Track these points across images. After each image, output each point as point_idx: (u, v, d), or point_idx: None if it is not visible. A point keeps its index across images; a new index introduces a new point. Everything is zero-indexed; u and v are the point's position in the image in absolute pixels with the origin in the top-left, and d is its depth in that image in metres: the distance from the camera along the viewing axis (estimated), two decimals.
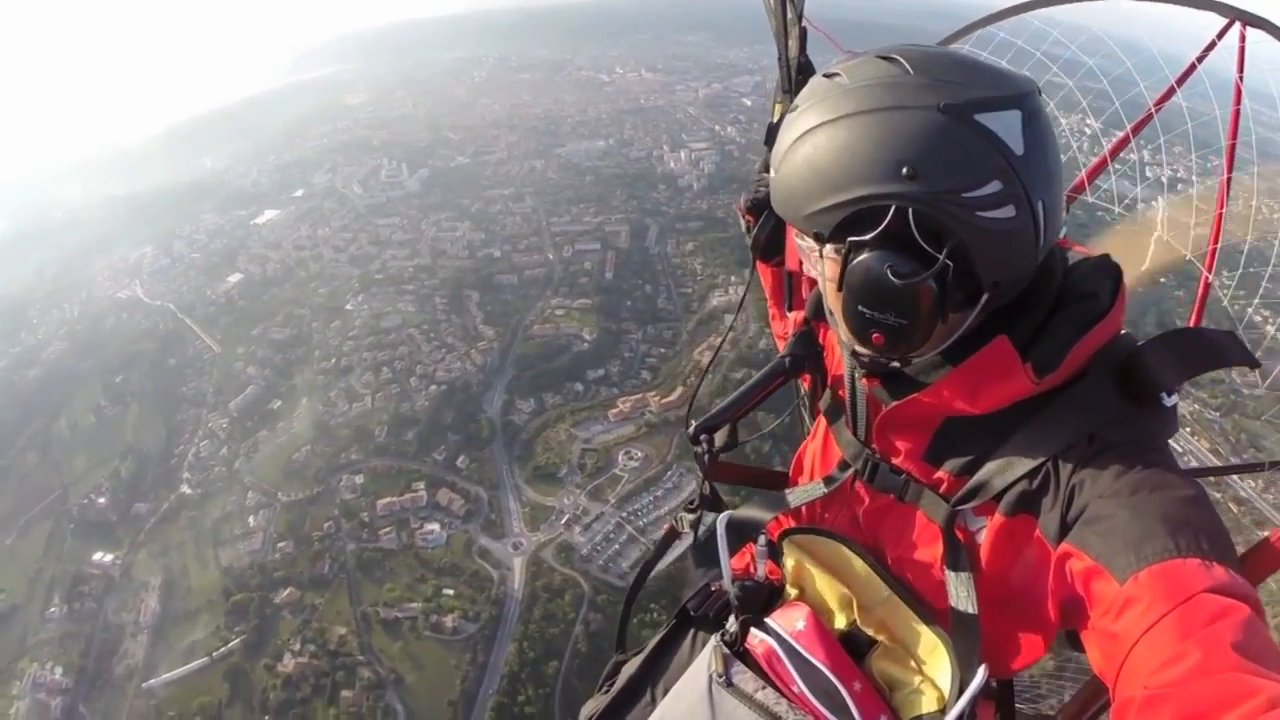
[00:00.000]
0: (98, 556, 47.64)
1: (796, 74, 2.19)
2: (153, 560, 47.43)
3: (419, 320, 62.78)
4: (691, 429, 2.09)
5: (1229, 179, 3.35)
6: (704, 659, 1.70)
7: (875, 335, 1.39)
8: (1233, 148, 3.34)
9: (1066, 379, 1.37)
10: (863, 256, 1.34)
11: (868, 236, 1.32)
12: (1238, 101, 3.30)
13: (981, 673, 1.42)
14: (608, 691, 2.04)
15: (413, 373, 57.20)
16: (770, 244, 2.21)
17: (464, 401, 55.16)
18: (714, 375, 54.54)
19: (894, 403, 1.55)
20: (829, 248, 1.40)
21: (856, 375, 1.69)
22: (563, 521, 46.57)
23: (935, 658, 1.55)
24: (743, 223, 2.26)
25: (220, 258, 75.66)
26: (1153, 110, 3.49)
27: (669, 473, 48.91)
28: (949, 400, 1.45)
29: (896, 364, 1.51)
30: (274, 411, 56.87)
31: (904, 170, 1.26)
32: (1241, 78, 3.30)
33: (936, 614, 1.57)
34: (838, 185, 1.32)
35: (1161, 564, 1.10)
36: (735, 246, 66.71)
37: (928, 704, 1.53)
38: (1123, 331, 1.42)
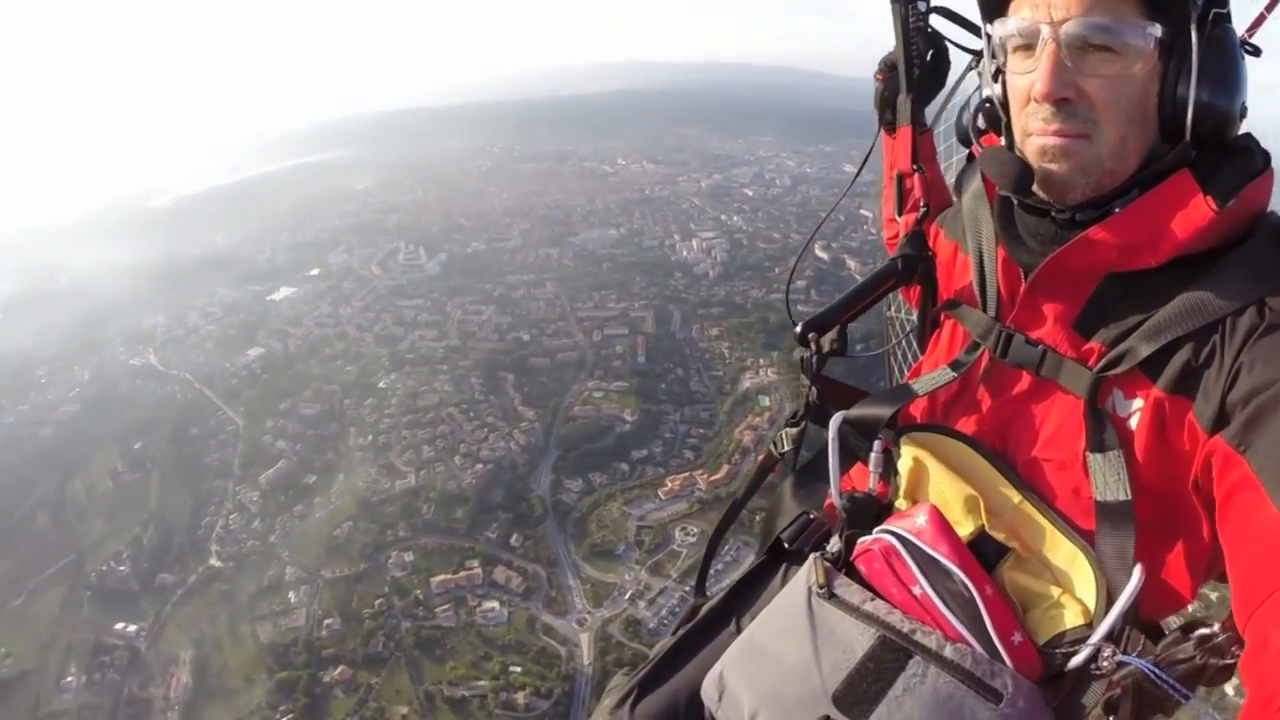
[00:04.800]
0: (120, 626, 45.55)
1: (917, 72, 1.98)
2: (182, 633, 45.60)
3: (457, 399, 62.56)
4: (799, 328, 1.92)
5: None
6: (802, 574, 1.47)
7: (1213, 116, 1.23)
8: None
9: (1230, 238, 1.24)
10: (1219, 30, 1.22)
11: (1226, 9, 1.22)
12: None
13: (1137, 573, 1.20)
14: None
15: (456, 451, 56.77)
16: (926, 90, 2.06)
17: (512, 480, 54.81)
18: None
19: (1057, 249, 1.36)
20: (1159, 28, 1.20)
21: (991, 246, 1.55)
22: (626, 597, 46.36)
23: (1075, 569, 1.33)
24: (877, 84, 2.17)
25: (238, 331, 74.88)
26: None
27: (727, 546, 48.24)
28: (1128, 236, 1.29)
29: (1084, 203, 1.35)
30: (309, 486, 55.53)
31: None
32: None
33: (1078, 531, 1.35)
34: None
35: None
36: (759, 331, 68.95)
37: (1070, 618, 1.29)
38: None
